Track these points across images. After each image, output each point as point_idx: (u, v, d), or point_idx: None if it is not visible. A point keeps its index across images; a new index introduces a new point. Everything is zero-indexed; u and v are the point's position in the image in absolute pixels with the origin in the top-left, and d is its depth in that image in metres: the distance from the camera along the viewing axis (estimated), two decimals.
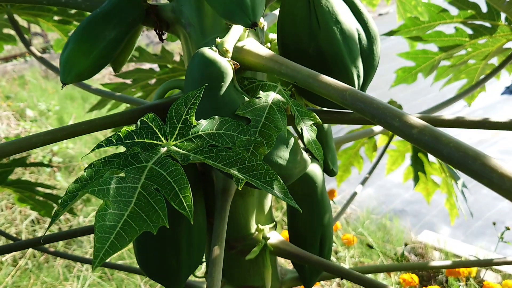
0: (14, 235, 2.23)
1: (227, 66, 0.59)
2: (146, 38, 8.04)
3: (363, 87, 0.72)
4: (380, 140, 1.83)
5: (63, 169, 3.63)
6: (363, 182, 1.55)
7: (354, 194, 1.52)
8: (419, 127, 0.39)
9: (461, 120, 0.73)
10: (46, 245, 2.82)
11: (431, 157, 1.75)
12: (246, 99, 0.61)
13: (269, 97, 0.61)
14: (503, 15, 1.32)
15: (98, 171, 0.49)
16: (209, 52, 0.59)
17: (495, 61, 1.59)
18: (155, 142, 0.52)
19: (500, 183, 0.33)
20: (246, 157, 0.50)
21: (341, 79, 0.67)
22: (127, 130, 0.53)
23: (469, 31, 1.40)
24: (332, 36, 0.66)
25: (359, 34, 0.69)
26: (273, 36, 0.81)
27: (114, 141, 0.53)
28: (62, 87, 0.63)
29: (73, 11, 1.61)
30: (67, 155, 3.79)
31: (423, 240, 2.89)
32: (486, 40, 1.44)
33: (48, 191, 2.40)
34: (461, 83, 1.75)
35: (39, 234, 2.91)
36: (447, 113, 4.83)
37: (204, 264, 0.91)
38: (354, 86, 0.68)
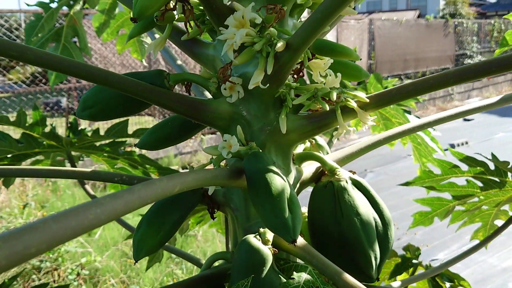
0: None
1: (268, 253, 0.74)
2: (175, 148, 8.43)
3: (380, 265, 0.85)
4: None
5: (88, 281, 3.72)
6: None
7: None
8: None
9: None
10: None
11: None
12: (282, 278, 0.75)
13: (301, 277, 0.75)
14: (510, 173, 1.47)
15: None
16: (254, 241, 0.74)
17: (507, 207, 1.70)
18: None
19: None
20: None
21: (361, 260, 0.81)
22: None
23: (480, 184, 1.54)
24: (353, 225, 0.81)
25: (375, 222, 0.84)
26: (304, 209, 0.97)
27: None
28: (135, 263, 0.78)
29: (122, 149, 1.84)
30: (94, 268, 3.90)
31: None
32: (496, 191, 1.57)
33: None
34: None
35: None
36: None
37: None
38: (372, 267, 0.82)
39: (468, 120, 11.08)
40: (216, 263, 0.91)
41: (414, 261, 1.75)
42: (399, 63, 13.54)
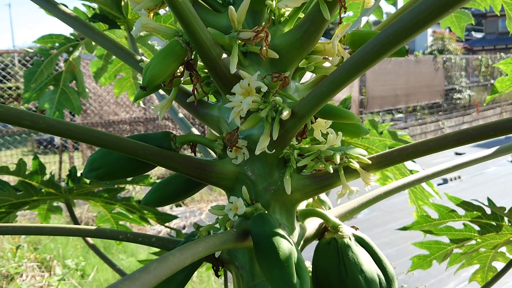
0: None
1: None
2: None
3: None
4: None
5: None
6: None
7: None
8: None
9: None
10: None
11: None
12: None
13: None
14: (506, 218, 1.49)
15: None
16: None
17: (505, 249, 1.71)
18: None
19: None
20: None
21: None
22: None
23: (477, 228, 1.55)
24: (358, 283, 0.81)
25: (379, 278, 0.85)
26: (308, 263, 0.98)
27: None
28: None
29: (121, 195, 1.85)
30: None
31: None
32: (493, 234, 1.58)
33: None
34: None
35: None
36: None
37: None
38: None
39: (459, 154, 11.18)
40: None
41: None
42: (390, 98, 13.72)
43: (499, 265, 1.69)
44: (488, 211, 1.52)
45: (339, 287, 0.82)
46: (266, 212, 0.80)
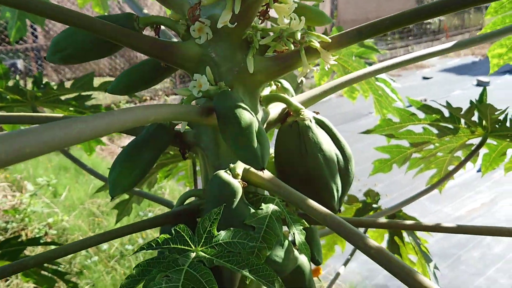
0: None
1: (238, 186, 0.79)
2: None
3: (342, 197, 0.92)
4: None
5: (57, 240, 3.73)
6: (345, 263, 1.72)
7: (338, 274, 1.69)
8: (375, 248, 0.59)
9: (418, 225, 0.93)
10: None
11: (407, 238, 1.92)
12: (252, 209, 0.80)
13: (269, 208, 0.81)
14: (462, 120, 1.56)
15: (145, 270, 0.67)
16: (225, 175, 0.79)
17: (460, 153, 1.81)
18: (186, 248, 0.70)
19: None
20: (254, 261, 0.68)
21: (324, 193, 0.88)
22: (164, 237, 0.72)
23: (435, 131, 1.63)
24: (317, 161, 0.86)
25: (337, 157, 0.90)
26: (271, 150, 1.02)
27: (154, 245, 0.72)
28: (111, 199, 0.82)
29: (89, 103, 1.84)
30: (61, 227, 3.90)
31: None
32: (450, 138, 1.66)
33: (55, 267, 2.50)
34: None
35: None
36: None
37: None
38: (334, 198, 0.88)
39: (427, 78, 11.36)
40: (188, 201, 0.95)
41: (374, 205, 1.85)
42: (361, 23, 13.45)
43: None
44: (447, 113, 1.58)
45: (300, 166, 0.87)
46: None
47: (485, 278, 3.68)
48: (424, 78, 11.43)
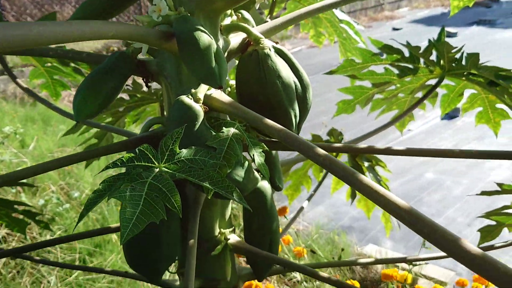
0: None
1: (199, 109, 0.83)
2: None
3: (300, 123, 0.97)
4: None
5: (27, 189, 3.73)
6: (309, 199, 1.81)
7: (301, 208, 1.77)
8: (323, 156, 0.64)
9: (372, 149, 0.99)
10: (13, 262, 2.91)
11: (368, 176, 2.01)
12: (213, 133, 0.85)
13: (230, 131, 0.85)
14: (422, 59, 1.62)
15: (112, 185, 0.71)
16: (187, 99, 0.83)
17: (420, 94, 1.88)
18: (150, 165, 0.75)
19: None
20: (214, 175, 0.73)
21: (282, 119, 0.92)
22: (128, 156, 0.76)
23: (396, 71, 1.68)
24: (276, 87, 0.91)
25: (295, 85, 0.95)
26: (233, 82, 1.05)
27: (119, 164, 0.76)
28: (76, 125, 0.85)
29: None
30: (31, 177, 3.88)
31: (367, 252, 3.18)
32: (411, 78, 1.72)
33: (27, 208, 2.53)
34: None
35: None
36: (384, 141, 5.20)
37: (177, 262, 1.12)
38: (292, 124, 0.93)
39: (397, 29, 11.42)
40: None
41: (337, 144, 1.92)
42: None
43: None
44: (407, 53, 1.63)
45: (259, 92, 0.91)
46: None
47: (444, 218, 3.89)
48: (394, 29, 11.49)
